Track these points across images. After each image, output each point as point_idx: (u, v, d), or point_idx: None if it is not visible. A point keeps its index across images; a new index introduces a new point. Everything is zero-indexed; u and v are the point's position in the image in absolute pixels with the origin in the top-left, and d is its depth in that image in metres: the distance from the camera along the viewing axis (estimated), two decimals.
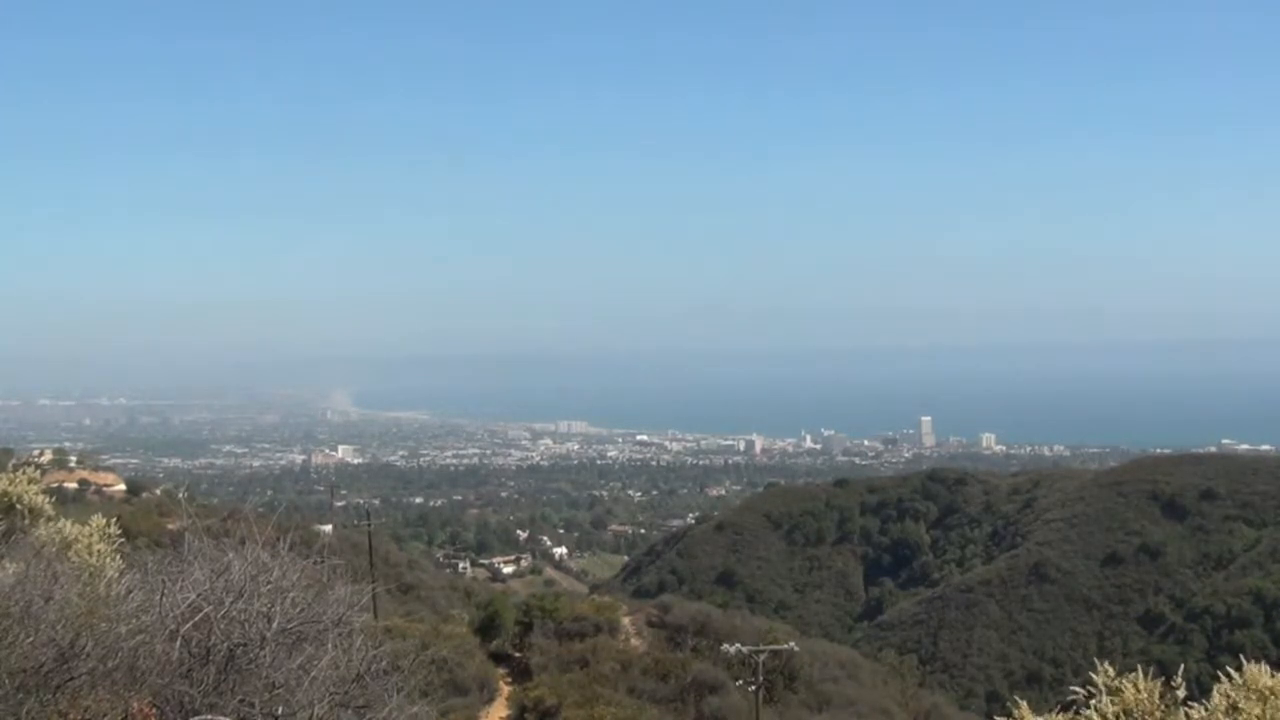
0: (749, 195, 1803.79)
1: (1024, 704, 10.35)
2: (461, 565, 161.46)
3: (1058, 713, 10.43)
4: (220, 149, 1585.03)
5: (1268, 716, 8.92)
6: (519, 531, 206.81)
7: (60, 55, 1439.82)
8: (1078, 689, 10.29)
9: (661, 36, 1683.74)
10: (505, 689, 44.03)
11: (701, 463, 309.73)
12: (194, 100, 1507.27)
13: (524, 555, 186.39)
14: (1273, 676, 9.26)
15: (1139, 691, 9.81)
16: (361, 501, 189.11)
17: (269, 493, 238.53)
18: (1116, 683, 9.98)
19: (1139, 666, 10.41)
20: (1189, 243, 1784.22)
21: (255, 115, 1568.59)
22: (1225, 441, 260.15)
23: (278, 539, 14.82)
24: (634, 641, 50.76)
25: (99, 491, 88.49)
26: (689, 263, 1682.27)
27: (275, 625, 13.22)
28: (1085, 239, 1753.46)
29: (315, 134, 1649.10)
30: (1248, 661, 9.66)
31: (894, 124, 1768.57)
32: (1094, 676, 10.17)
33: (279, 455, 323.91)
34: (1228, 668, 9.71)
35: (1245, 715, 9.05)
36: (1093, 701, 10.04)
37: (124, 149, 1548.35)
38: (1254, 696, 9.03)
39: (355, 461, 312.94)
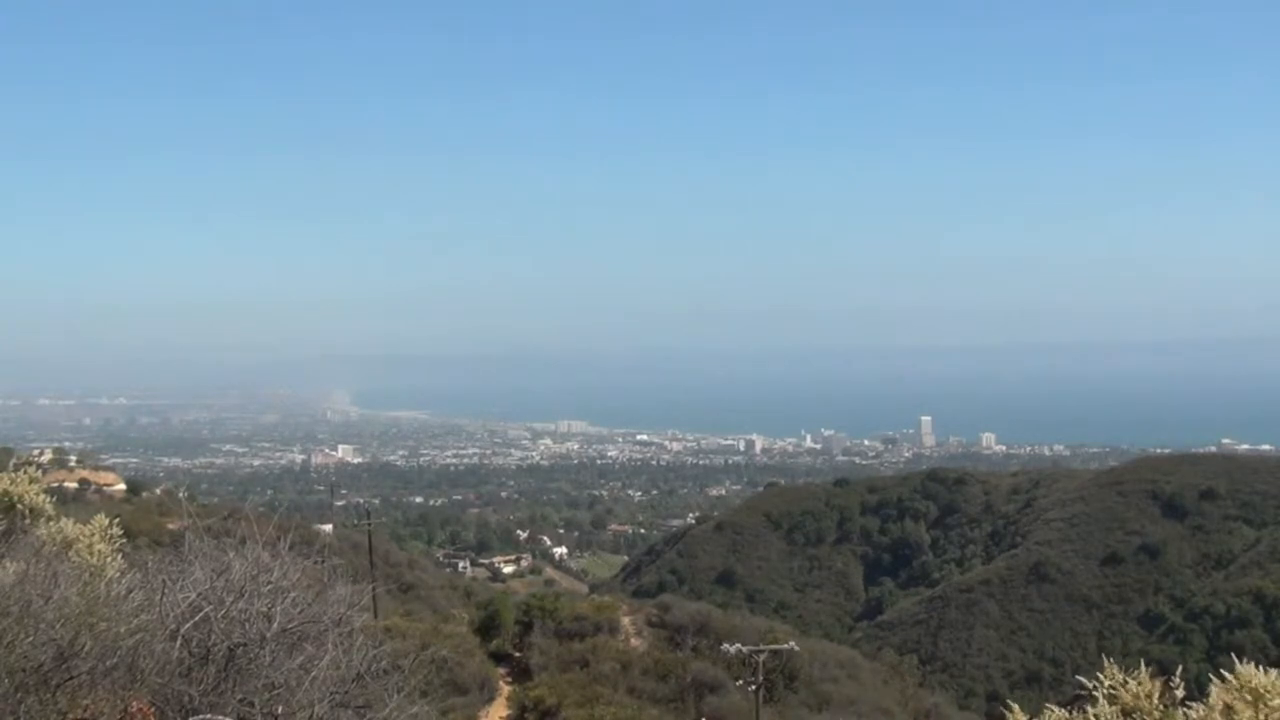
0: (749, 195, 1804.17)
1: (1016, 706, 10.33)
2: (461, 565, 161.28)
3: (1061, 707, 10.41)
4: (221, 149, 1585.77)
5: (1260, 718, 8.90)
6: (519, 531, 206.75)
7: (59, 55, 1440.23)
8: (1085, 681, 10.26)
9: (660, 37, 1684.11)
10: (505, 689, 44.07)
11: (701, 463, 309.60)
12: (194, 100, 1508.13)
13: (524, 555, 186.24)
14: (1266, 675, 9.23)
15: (1138, 686, 9.78)
16: (361, 501, 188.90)
17: (269, 492, 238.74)
18: (1123, 678, 9.95)
19: (1128, 665, 10.40)
20: (1189, 243, 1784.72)
21: (255, 115, 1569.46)
22: (1225, 441, 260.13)
23: (278, 539, 14.85)
24: (634, 641, 50.77)
25: (99, 491, 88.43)
26: (689, 263, 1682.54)
27: (275, 625, 13.23)
28: (1085, 239, 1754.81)
29: (315, 134, 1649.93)
30: (1243, 662, 9.64)
31: (895, 124, 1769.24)
32: (1100, 676, 10.14)
33: (279, 455, 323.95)
34: (1222, 670, 9.70)
35: (1239, 717, 9.03)
36: (1095, 697, 10.02)
37: (124, 149, 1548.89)
38: (1248, 698, 9.00)
39: (355, 461, 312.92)
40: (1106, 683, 9.94)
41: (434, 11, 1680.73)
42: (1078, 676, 10.49)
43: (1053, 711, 10.21)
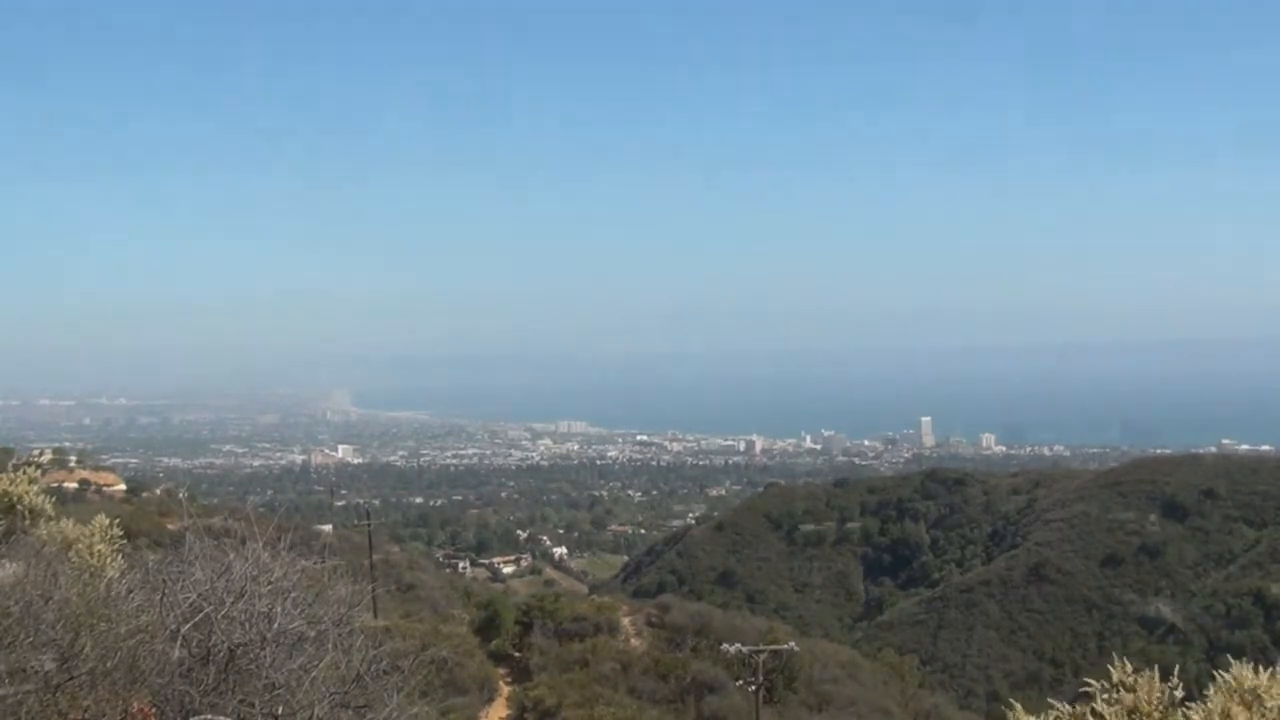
0: (748, 195, 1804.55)
1: (1018, 705, 10.34)
2: (461, 565, 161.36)
3: (1067, 705, 10.40)
4: (220, 149, 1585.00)
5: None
6: (519, 531, 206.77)
7: (58, 55, 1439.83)
8: (1091, 681, 10.25)
9: (657, 37, 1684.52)
10: (505, 689, 44.09)
11: (701, 463, 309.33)
12: (193, 100, 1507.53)
13: (524, 555, 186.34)
14: (1258, 676, 9.23)
15: (1145, 690, 9.77)
16: (361, 501, 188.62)
17: (269, 493, 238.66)
18: (1132, 679, 9.94)
19: (1126, 666, 10.38)
20: (1189, 242, 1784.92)
21: (254, 116, 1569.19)
22: (1225, 441, 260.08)
23: (278, 539, 14.86)
24: (634, 641, 50.79)
25: (99, 491, 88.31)
26: (689, 263, 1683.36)
27: (276, 625, 13.24)
28: (1085, 239, 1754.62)
29: (315, 134, 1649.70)
30: (1240, 662, 9.65)
31: (894, 123, 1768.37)
32: (1111, 670, 10.13)
33: (279, 455, 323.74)
34: (1217, 671, 9.70)
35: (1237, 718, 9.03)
36: (1101, 698, 10.02)
37: (123, 149, 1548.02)
38: (1240, 700, 9.00)
39: (355, 461, 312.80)
40: (1117, 680, 9.93)
41: (434, 13, 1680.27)
42: (1086, 679, 10.46)
43: (1055, 708, 10.21)
